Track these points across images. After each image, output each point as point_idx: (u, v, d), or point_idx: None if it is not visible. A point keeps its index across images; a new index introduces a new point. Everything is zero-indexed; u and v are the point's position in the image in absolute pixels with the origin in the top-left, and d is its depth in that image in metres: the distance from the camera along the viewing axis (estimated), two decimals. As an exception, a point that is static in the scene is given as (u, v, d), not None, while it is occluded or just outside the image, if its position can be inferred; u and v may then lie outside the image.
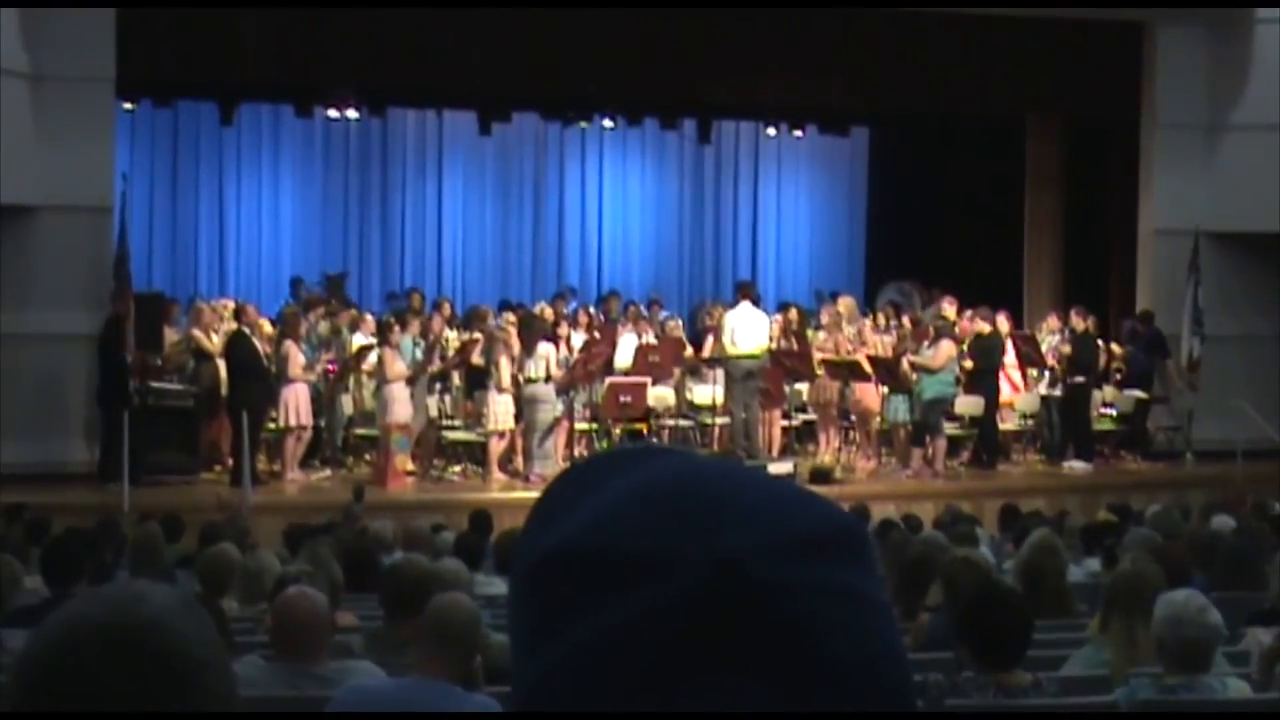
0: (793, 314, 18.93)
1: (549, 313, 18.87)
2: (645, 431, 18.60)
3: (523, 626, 0.95)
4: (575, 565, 0.93)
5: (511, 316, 18.21)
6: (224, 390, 16.79)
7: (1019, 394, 18.96)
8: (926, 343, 18.01)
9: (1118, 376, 19.54)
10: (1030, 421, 19.30)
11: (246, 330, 16.74)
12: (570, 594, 0.92)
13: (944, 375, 17.64)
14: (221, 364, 16.87)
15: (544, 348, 16.81)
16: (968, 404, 18.18)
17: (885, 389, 17.87)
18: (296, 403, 16.52)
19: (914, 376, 17.74)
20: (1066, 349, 18.77)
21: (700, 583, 0.89)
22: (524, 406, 16.77)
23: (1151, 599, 5.85)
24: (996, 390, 18.34)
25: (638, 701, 0.89)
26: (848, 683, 0.91)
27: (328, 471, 17.12)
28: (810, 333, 18.78)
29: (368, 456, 17.41)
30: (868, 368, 17.78)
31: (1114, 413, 19.49)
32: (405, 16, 18.06)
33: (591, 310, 20.24)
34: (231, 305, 18.01)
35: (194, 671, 1.46)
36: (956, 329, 18.41)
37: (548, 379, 16.74)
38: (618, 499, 0.94)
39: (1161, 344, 19.39)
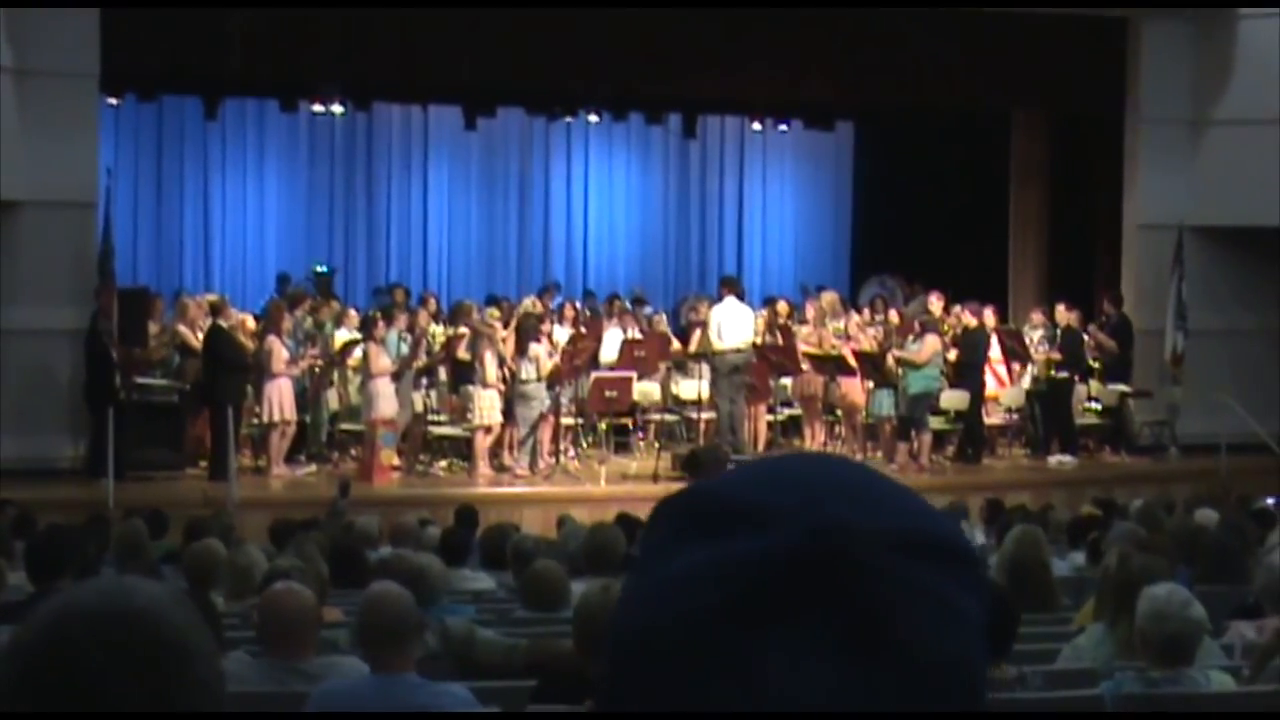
0: (781, 307, 18.96)
1: (538, 305, 18.90)
2: (630, 426, 18.62)
3: (634, 559, 1.00)
4: (690, 506, 0.97)
5: (496, 311, 18.22)
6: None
7: (1004, 388, 18.99)
8: (911, 337, 18.03)
9: (1096, 365, 19.57)
10: (1015, 415, 19.34)
11: (223, 324, 16.75)
12: (676, 532, 0.96)
13: (929, 370, 17.67)
14: (206, 359, 16.88)
15: (535, 347, 16.81)
16: (953, 398, 18.21)
17: (870, 383, 17.90)
18: (280, 397, 16.50)
19: (899, 371, 17.77)
20: (1057, 355, 18.78)
21: (798, 543, 0.92)
22: (515, 403, 16.76)
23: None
24: (981, 384, 18.38)
25: (702, 639, 0.92)
26: (913, 676, 0.92)
27: (313, 467, 17.10)
28: (794, 327, 18.79)
29: (353, 452, 17.40)
30: (852, 362, 17.81)
31: (1097, 407, 19.53)
32: (390, 12, 18.03)
33: (577, 305, 20.24)
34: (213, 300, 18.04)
35: (185, 659, 1.47)
36: (942, 324, 18.47)
37: (539, 379, 16.73)
38: (752, 465, 1.00)
39: (1126, 329, 19.42)
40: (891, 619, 0.92)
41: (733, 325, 17.63)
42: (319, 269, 21.96)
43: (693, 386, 18.26)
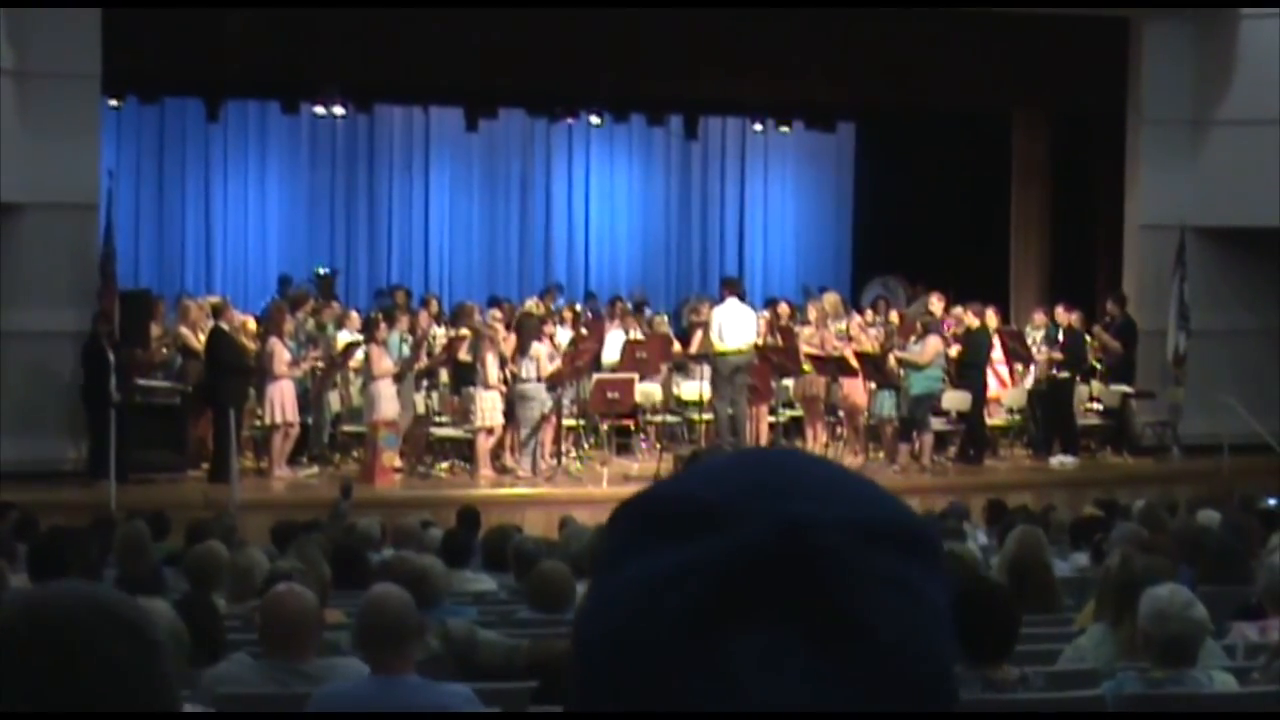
0: (782, 308, 18.96)
1: (540, 307, 18.91)
2: (632, 428, 18.61)
3: (596, 564, 1.00)
4: (649, 509, 0.97)
5: (498, 313, 18.22)
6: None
7: (1006, 389, 18.99)
8: (914, 338, 18.03)
9: (1099, 366, 19.57)
10: (1017, 416, 19.33)
11: (224, 326, 16.76)
12: (637, 534, 0.96)
13: (931, 371, 17.66)
14: (208, 361, 16.89)
15: (536, 347, 16.82)
16: (955, 399, 18.21)
17: (872, 384, 17.89)
18: (282, 399, 16.50)
19: (901, 372, 17.76)
20: (1059, 355, 18.76)
21: (762, 540, 0.92)
22: (516, 403, 16.77)
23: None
24: (983, 385, 18.38)
25: (673, 642, 0.92)
26: (885, 665, 0.93)
27: (315, 469, 17.10)
28: (796, 328, 18.79)
29: (355, 453, 17.40)
30: (854, 363, 17.80)
31: (1099, 407, 19.52)
32: (391, 13, 18.03)
33: (578, 307, 20.25)
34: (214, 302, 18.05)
35: (152, 642, 1.47)
36: (943, 325, 18.47)
37: (538, 378, 16.73)
38: (710, 463, 0.99)
39: (1130, 330, 19.42)
40: (860, 609, 0.92)
41: (734, 326, 17.63)
42: (321, 270, 21.96)
43: (694, 388, 18.26)
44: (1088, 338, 19.32)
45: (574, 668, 0.97)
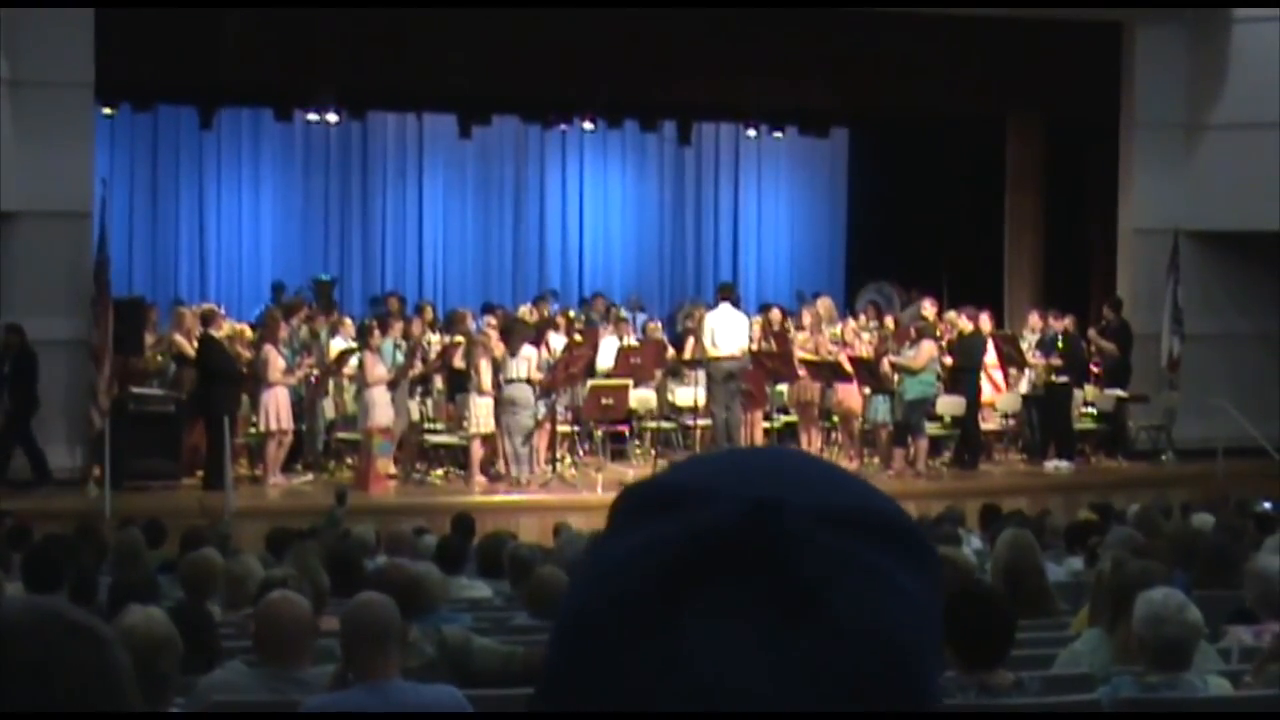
0: (777, 314, 18.96)
1: (534, 314, 18.90)
2: (627, 434, 18.61)
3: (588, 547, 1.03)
4: (634, 495, 0.99)
5: (492, 320, 18.21)
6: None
7: (1000, 394, 19.00)
8: (908, 343, 18.03)
9: (1096, 371, 19.59)
10: (1011, 421, 19.34)
11: (214, 334, 16.76)
12: (624, 518, 0.98)
13: (925, 375, 17.67)
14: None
15: (526, 350, 16.80)
16: (949, 404, 18.21)
17: (867, 389, 17.90)
18: (277, 407, 16.49)
19: (895, 377, 17.76)
20: (1058, 362, 18.75)
21: (725, 518, 0.93)
22: (502, 409, 16.74)
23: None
24: (978, 390, 18.38)
25: (628, 616, 0.92)
26: (844, 649, 0.92)
27: (309, 476, 17.09)
28: (791, 333, 18.79)
29: (349, 460, 17.38)
30: (849, 368, 17.81)
31: (1094, 411, 19.54)
32: (385, 20, 18.04)
33: (571, 313, 20.24)
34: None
35: (108, 641, 1.47)
36: (937, 330, 18.48)
37: (526, 381, 16.70)
38: (704, 456, 1.02)
39: (1126, 334, 19.43)
40: (822, 591, 0.92)
41: (728, 332, 17.63)
42: (322, 277, 21.91)
43: (689, 393, 18.26)
44: (1084, 343, 19.33)
45: (549, 646, 0.98)
